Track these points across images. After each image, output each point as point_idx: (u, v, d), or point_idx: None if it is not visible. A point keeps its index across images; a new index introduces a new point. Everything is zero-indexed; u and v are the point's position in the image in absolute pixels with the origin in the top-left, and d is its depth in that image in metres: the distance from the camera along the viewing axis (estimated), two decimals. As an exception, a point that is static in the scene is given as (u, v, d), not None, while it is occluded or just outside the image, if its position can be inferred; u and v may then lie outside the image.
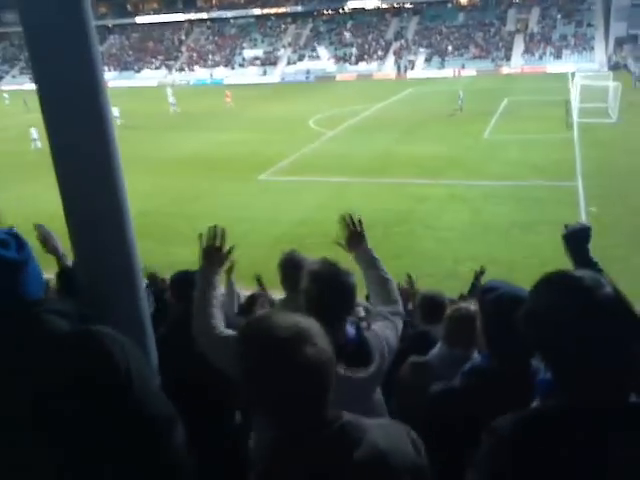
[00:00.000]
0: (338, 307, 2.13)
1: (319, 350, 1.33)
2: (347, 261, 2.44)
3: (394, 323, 2.43)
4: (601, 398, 1.32)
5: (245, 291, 5.92)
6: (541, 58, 54.44)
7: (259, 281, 6.04)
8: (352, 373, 2.05)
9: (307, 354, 1.30)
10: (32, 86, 1.88)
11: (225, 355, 1.99)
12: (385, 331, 2.33)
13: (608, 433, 1.30)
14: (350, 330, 2.16)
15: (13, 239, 1.57)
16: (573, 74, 39.71)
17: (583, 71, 39.76)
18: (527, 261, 10.97)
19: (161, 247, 12.19)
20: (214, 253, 2.36)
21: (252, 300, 5.14)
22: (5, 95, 45.80)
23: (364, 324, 2.36)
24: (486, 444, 1.40)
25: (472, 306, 2.67)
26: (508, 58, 55.72)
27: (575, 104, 28.34)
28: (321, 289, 2.10)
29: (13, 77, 67.60)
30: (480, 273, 6.99)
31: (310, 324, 1.38)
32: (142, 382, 1.58)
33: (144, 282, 2.18)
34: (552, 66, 51.49)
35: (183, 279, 3.36)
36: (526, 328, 1.43)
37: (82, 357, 1.52)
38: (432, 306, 4.09)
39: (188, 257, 3.40)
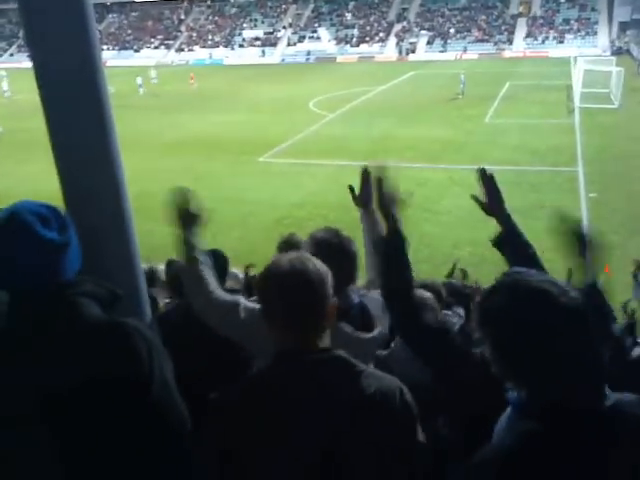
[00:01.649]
0: (341, 274, 2.13)
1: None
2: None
3: None
4: (574, 404, 1.28)
5: (243, 274, 5.91)
6: (544, 42, 54.00)
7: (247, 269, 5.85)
8: (360, 334, 2.12)
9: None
10: (30, 64, 1.86)
11: (221, 318, 2.10)
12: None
13: (587, 437, 1.27)
14: (353, 297, 2.22)
15: (55, 217, 1.49)
16: (575, 59, 39.37)
17: (586, 56, 39.43)
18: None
19: (161, 228, 12.16)
20: (188, 215, 2.33)
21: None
22: (3, 73, 45.38)
23: (363, 291, 2.42)
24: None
25: (425, 293, 2.82)
26: (510, 42, 55.27)
27: (577, 89, 28.16)
28: (325, 256, 2.11)
29: (11, 55, 66.99)
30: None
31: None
32: (163, 381, 1.54)
33: (143, 265, 2.16)
34: (555, 50, 51.10)
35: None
36: (483, 331, 1.38)
37: (110, 350, 1.47)
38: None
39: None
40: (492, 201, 2.22)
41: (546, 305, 1.29)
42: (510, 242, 2.14)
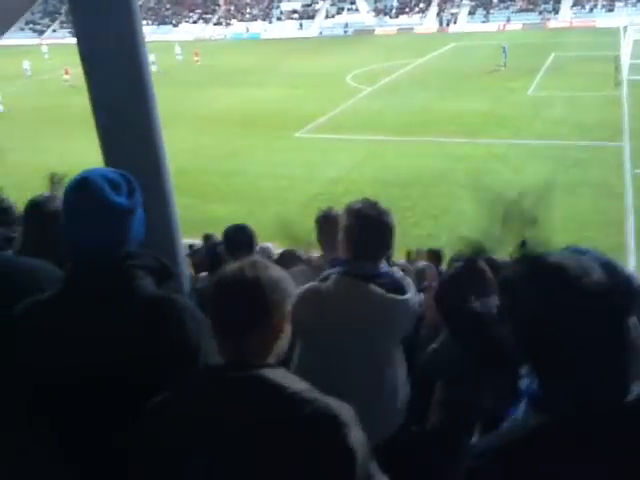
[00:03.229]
0: (377, 245, 2.25)
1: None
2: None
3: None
4: (595, 401, 1.18)
5: (277, 249, 5.95)
6: (591, 11, 51.81)
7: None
8: (392, 295, 2.19)
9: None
10: (72, 40, 1.89)
11: None
12: (406, 278, 2.44)
13: (606, 437, 1.18)
14: (381, 266, 2.29)
15: (125, 182, 1.53)
16: (625, 28, 37.74)
17: (636, 25, 37.71)
18: (567, 224, 10.74)
19: (199, 203, 12.32)
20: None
21: (283, 257, 5.18)
22: (44, 49, 46.18)
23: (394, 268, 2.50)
24: (472, 468, 1.24)
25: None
26: (556, 11, 53.23)
27: (626, 60, 27.02)
28: (362, 227, 2.17)
29: (54, 31, 68.02)
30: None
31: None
32: (206, 358, 1.55)
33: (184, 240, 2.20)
34: (603, 19, 48.95)
35: (235, 232, 3.53)
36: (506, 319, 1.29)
37: (161, 327, 1.50)
38: None
39: (226, 213, 3.44)
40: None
41: (561, 283, 1.19)
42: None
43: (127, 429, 1.43)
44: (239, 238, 3.51)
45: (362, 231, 2.22)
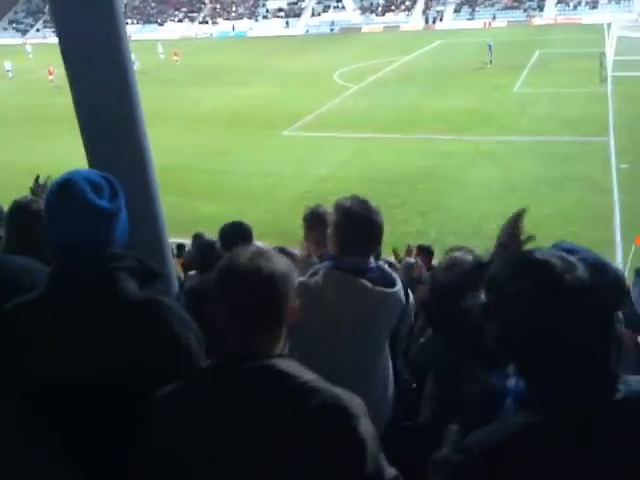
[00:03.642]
0: (366, 242, 2.26)
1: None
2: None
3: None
4: (582, 399, 1.17)
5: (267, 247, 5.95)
6: (576, 8, 52.18)
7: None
8: (381, 288, 2.21)
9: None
10: (55, 40, 1.87)
11: None
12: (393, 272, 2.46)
13: (592, 435, 1.16)
14: (370, 260, 2.32)
15: (108, 185, 1.52)
16: (609, 25, 38.04)
17: (620, 22, 38.04)
18: (553, 219, 10.82)
19: (187, 202, 12.27)
20: None
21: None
22: (28, 49, 45.73)
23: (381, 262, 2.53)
24: (457, 465, 1.23)
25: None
26: (541, 8, 53.55)
27: (610, 57, 27.26)
28: (351, 223, 2.17)
29: (37, 30, 67.37)
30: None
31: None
32: (195, 360, 1.55)
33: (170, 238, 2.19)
34: (587, 16, 49.32)
35: (232, 229, 3.56)
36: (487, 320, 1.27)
37: (142, 329, 1.49)
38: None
39: (215, 212, 3.43)
40: None
41: (544, 279, 1.18)
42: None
43: (112, 429, 1.43)
44: (236, 235, 3.50)
45: (351, 228, 2.23)
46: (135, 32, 59.76)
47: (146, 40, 50.39)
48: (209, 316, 1.41)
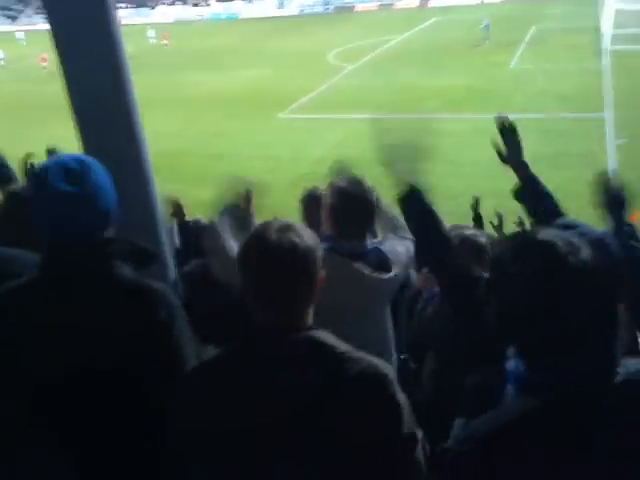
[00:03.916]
0: (360, 221, 2.28)
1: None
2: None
3: (405, 242, 2.50)
4: (583, 382, 1.16)
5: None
6: (572, -19, 51.53)
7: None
8: (378, 274, 2.20)
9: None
10: (46, 26, 1.85)
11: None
12: (396, 247, 2.43)
13: (592, 419, 1.15)
14: (368, 243, 2.32)
15: (80, 168, 1.50)
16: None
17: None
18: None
19: (184, 188, 12.22)
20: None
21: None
22: (20, 35, 45.17)
23: (379, 240, 2.53)
24: (457, 453, 1.22)
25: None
26: (537, -18, 52.87)
27: (608, 30, 26.99)
28: (346, 203, 2.18)
29: (28, 17, 66.49)
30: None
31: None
32: (179, 348, 1.56)
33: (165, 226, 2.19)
34: (584, -11, 48.74)
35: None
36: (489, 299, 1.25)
37: (131, 314, 1.50)
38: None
39: (211, 197, 3.42)
40: (510, 151, 2.16)
41: (547, 260, 1.16)
42: (529, 193, 2.09)
43: (103, 414, 1.45)
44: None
45: (346, 208, 2.23)
46: (127, 16, 58.96)
47: (141, 24, 49.67)
48: (236, 290, 1.46)
